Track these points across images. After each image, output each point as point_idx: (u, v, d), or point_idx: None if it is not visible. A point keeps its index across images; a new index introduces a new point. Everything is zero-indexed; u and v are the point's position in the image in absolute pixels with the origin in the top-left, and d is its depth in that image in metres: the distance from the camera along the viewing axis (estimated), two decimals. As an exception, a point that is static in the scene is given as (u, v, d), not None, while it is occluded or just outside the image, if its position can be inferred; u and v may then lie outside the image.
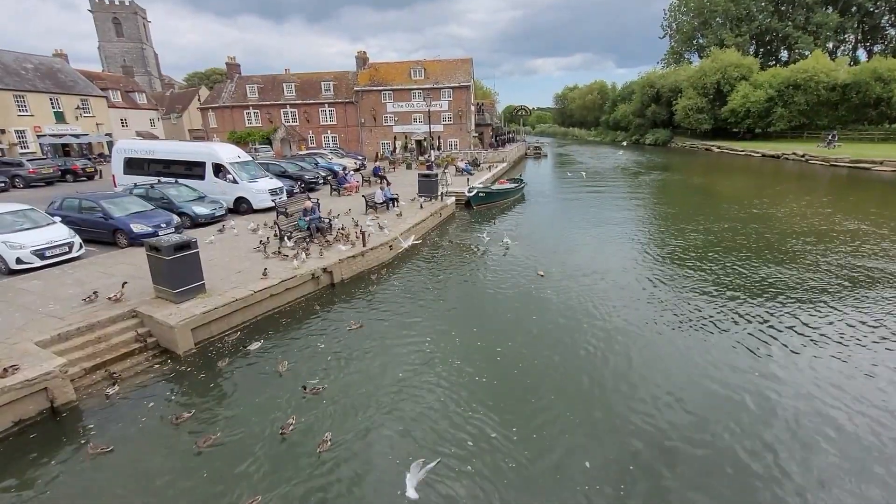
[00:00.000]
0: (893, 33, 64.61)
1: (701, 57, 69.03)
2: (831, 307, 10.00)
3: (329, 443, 6.01)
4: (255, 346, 8.74)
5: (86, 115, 41.32)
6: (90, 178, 29.04)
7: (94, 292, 9.41)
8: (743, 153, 48.16)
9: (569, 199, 26.15)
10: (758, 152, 46.10)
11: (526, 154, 56.03)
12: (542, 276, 12.50)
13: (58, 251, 11.73)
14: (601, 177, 36.23)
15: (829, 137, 40.82)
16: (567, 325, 9.48)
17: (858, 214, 18.86)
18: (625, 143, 68.44)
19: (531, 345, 8.70)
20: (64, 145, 39.12)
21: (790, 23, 63.61)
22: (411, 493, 4.73)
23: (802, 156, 40.20)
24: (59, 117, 39.04)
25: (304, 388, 7.20)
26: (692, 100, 59.01)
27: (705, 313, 9.90)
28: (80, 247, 12.34)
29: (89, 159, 33.70)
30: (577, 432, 6.26)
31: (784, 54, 68.34)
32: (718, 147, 54.19)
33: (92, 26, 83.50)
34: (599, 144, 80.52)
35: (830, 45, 64.77)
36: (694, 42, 74.42)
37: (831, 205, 21.16)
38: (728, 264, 13.13)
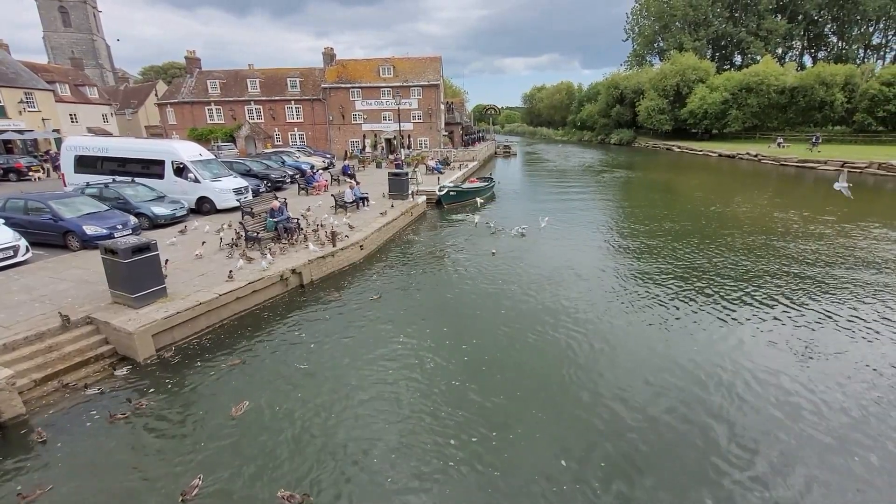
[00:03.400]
0: (835, 41, 69.05)
1: (662, 60, 71.65)
2: (778, 289, 10.66)
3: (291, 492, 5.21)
4: (219, 352, 8.47)
5: (30, 109, 38.68)
6: (45, 175, 27.30)
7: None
8: (701, 153, 50.28)
9: (537, 197, 26.60)
10: (715, 152, 48.24)
11: (496, 153, 56.56)
12: (494, 253, 14.16)
13: (1, 255, 10.98)
14: (568, 175, 37.05)
15: (813, 139, 41.92)
16: (533, 319, 9.63)
17: (808, 210, 20.08)
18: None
19: (499, 341, 8.81)
20: (6, 142, 36.51)
21: (743, 28, 66.89)
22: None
23: (755, 156, 42.38)
24: (0, 112, 36.42)
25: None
26: (654, 101, 61.19)
27: (666, 301, 10.33)
28: (27, 250, 11.58)
29: (35, 157, 31.66)
30: (551, 430, 6.34)
31: (738, 59, 71.85)
32: (679, 147, 56.35)
33: (36, 15, 78.33)
34: (566, 143, 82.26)
35: (780, 50, 68.63)
36: (655, 45, 77.12)
37: (783, 201, 22.44)
38: (687, 255, 13.73)
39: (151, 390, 7.36)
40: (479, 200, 22.36)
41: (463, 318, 9.96)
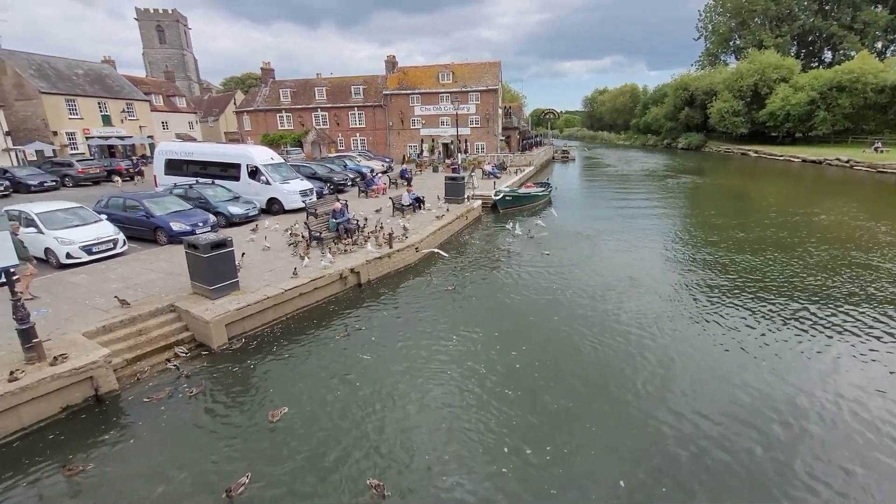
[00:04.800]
0: (950, 32, 60.93)
1: (738, 58, 66.98)
2: (871, 312, 9.54)
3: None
4: (285, 343, 9.04)
5: (130, 118, 43.41)
6: (132, 178, 30.46)
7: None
8: (782, 158, 46.27)
9: (596, 204, 25.78)
10: (798, 157, 44.20)
11: (553, 158, 55.53)
12: (547, 254, 14.58)
13: (104, 247, 12.39)
14: (629, 181, 35.58)
15: None
16: (589, 328, 9.36)
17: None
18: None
19: (552, 348, 8.65)
20: (110, 146, 41.21)
21: (835, 22, 60.88)
22: None
23: (846, 161, 38.31)
24: (106, 120, 41.17)
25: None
26: (728, 102, 57.21)
27: (738, 318, 9.60)
28: (124, 243, 12.99)
29: (131, 160, 35.30)
30: (607, 447, 6.11)
31: (828, 55, 65.51)
32: (755, 151, 52.24)
33: (137, 34, 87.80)
34: (629, 148, 79.02)
35: (879, 44, 61.59)
36: (730, 43, 72.24)
37: (879, 212, 20.11)
38: (761, 268, 12.69)
39: (222, 376, 7.98)
40: (553, 210, 22.10)
41: (516, 321, 9.90)
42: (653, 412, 6.74)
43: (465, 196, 20.79)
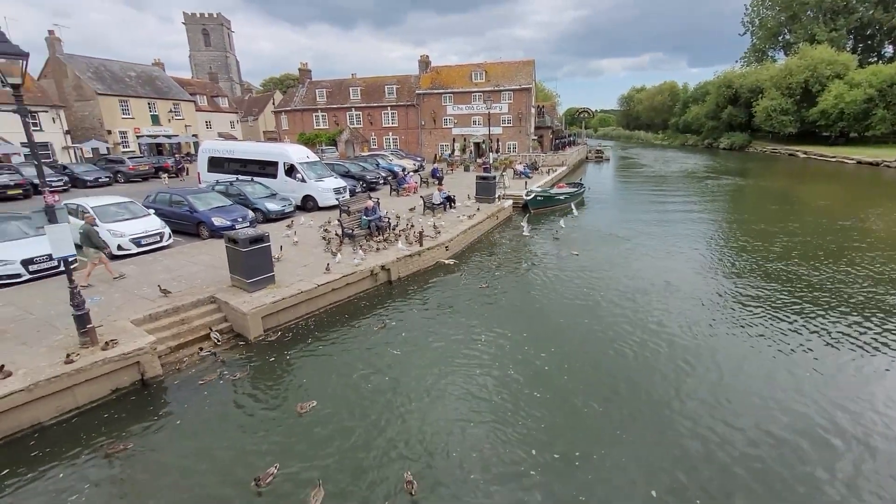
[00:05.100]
0: None
1: (787, 54, 63.71)
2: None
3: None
4: (316, 337, 9.28)
5: (177, 118, 45.52)
6: (178, 175, 31.93)
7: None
8: (834, 159, 43.70)
9: (630, 206, 25.11)
10: (852, 159, 41.62)
11: (587, 157, 54.47)
12: (576, 255, 14.43)
13: (151, 240, 13.06)
14: (667, 182, 34.45)
15: None
16: (621, 332, 9.13)
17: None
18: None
19: (581, 352, 8.50)
20: (158, 145, 43.37)
21: (898, 14, 56.92)
22: None
23: (908, 163, 35.80)
24: (155, 120, 43.35)
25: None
26: (775, 100, 54.48)
27: (785, 328, 9.15)
28: (170, 237, 13.64)
29: (175, 158, 36.93)
30: (638, 456, 5.96)
31: (888, 49, 61.36)
32: (805, 152, 49.54)
33: (184, 37, 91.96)
34: (667, 148, 76.52)
35: (948, 37, 57.24)
36: (779, 38, 68.79)
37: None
38: (814, 279, 12.03)
39: (257, 367, 8.27)
40: (573, 206, 21.84)
41: (546, 322, 9.81)
42: (689, 423, 6.51)
43: (496, 196, 20.71)
